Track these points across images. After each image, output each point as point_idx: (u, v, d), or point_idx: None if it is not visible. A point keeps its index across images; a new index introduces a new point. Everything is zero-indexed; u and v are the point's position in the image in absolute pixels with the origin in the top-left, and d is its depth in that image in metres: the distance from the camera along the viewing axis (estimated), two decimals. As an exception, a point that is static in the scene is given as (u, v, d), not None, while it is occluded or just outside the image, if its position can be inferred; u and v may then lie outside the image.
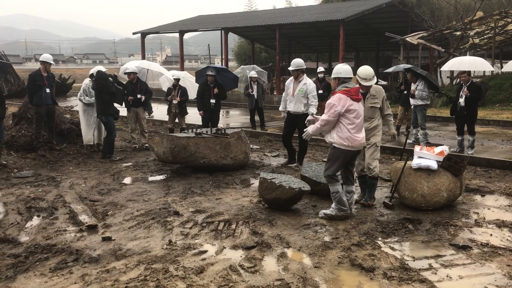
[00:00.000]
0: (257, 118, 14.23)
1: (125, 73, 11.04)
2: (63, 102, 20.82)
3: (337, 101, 5.58)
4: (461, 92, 9.59)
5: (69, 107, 14.02)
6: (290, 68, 8.52)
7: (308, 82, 8.47)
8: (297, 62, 8.41)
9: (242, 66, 16.68)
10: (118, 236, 5.34)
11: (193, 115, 13.62)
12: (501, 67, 24.28)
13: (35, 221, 5.90)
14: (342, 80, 5.78)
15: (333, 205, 5.81)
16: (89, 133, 10.42)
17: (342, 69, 5.82)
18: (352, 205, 5.97)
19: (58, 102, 10.42)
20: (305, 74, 8.55)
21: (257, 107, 13.89)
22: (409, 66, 12.70)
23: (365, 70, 6.22)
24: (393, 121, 6.68)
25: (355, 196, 6.06)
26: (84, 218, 5.98)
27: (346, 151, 5.67)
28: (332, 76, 5.91)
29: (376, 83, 6.50)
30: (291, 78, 8.61)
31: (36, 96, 9.63)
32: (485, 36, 23.49)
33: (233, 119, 18.07)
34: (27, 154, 9.53)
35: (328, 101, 5.72)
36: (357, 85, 5.86)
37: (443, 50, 22.15)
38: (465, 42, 24.00)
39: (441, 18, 30.09)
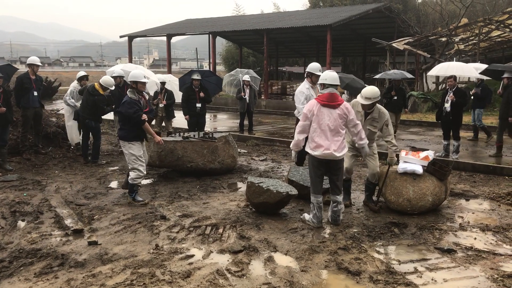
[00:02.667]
0: (245, 122, 14.25)
1: (112, 77, 10.95)
2: (49, 105, 20.63)
3: (306, 107, 5.66)
4: (447, 97, 9.70)
5: (55, 110, 13.91)
6: (319, 73, 7.25)
7: None
8: (319, 66, 7.71)
9: (237, 68, 16.64)
10: (105, 240, 5.31)
11: (180, 119, 13.57)
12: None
13: (20, 225, 5.83)
14: (326, 87, 5.72)
15: (310, 213, 5.80)
16: (77, 134, 10.33)
17: (327, 75, 5.78)
18: (339, 215, 5.75)
19: (44, 105, 10.32)
20: None
21: (248, 111, 13.91)
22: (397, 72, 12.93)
23: (368, 89, 6.15)
24: (396, 147, 6.30)
25: (342, 206, 5.80)
26: (70, 222, 5.93)
27: (313, 157, 5.60)
28: (320, 81, 5.89)
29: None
30: (306, 85, 7.63)
31: (23, 99, 9.53)
32: (469, 43, 23.82)
33: (220, 123, 18.06)
34: (12, 157, 9.41)
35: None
36: (334, 92, 5.61)
37: (429, 55, 22.41)
38: (451, 48, 24.33)
39: (427, 24, 30.43)
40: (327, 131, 5.49)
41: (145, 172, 6.90)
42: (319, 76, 7.10)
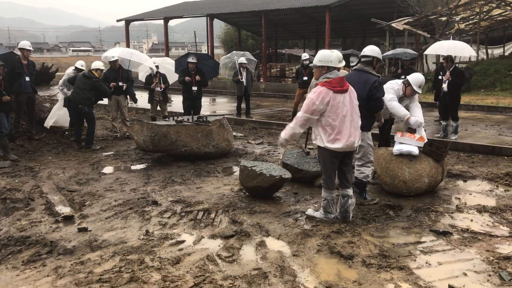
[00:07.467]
0: (243, 105, 14.10)
1: (109, 62, 10.84)
2: (46, 91, 20.45)
3: (316, 96, 4.89)
4: (444, 78, 9.56)
5: (49, 96, 13.76)
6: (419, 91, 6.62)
7: None
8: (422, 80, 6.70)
9: (234, 51, 16.38)
10: (95, 226, 5.23)
11: (177, 103, 13.49)
12: (486, 52, 24.38)
13: (10, 212, 5.75)
14: (331, 70, 5.02)
15: (321, 209, 5.32)
16: (54, 118, 10.24)
17: (332, 57, 5.00)
18: (350, 211, 5.21)
19: (41, 90, 10.21)
20: None
21: (245, 94, 13.75)
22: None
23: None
24: None
25: (353, 200, 5.28)
26: (60, 208, 5.86)
27: (330, 151, 4.99)
28: (319, 64, 5.04)
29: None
30: (396, 86, 6.68)
31: (15, 84, 9.39)
32: (470, 22, 23.49)
33: (219, 106, 17.92)
34: (5, 144, 9.30)
35: (308, 95, 5.10)
36: (341, 74, 5.16)
37: (429, 35, 22.09)
38: (451, 27, 23.99)
39: (426, 3, 29.99)
40: (345, 120, 4.93)
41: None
42: (416, 92, 6.56)
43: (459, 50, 10.02)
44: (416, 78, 6.58)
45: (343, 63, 5.75)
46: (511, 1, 20.23)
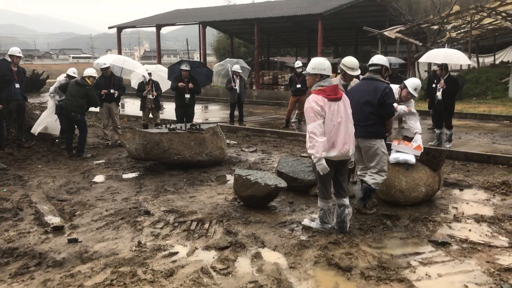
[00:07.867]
0: (236, 113, 14.02)
1: (101, 69, 10.73)
2: (36, 98, 20.21)
3: (314, 103, 4.81)
4: (438, 86, 9.54)
5: (40, 103, 13.58)
6: (415, 94, 6.61)
7: None
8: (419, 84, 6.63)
9: (227, 59, 16.33)
10: (85, 237, 5.08)
11: (169, 111, 13.36)
12: (478, 61, 24.53)
13: (-3, 223, 5.60)
14: (324, 78, 4.96)
15: (317, 219, 5.24)
16: (42, 125, 10.04)
17: (326, 64, 4.96)
18: (347, 221, 5.08)
19: (31, 98, 10.03)
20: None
21: (238, 101, 13.67)
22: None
23: (350, 59, 5.90)
24: None
25: (350, 210, 5.16)
26: (50, 219, 5.70)
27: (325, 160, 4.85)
28: (312, 71, 4.98)
29: (357, 77, 6.33)
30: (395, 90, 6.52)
31: (5, 91, 9.22)
32: (461, 30, 23.63)
33: (212, 114, 17.80)
34: (-7, 152, 9.12)
35: (305, 106, 4.95)
36: (335, 83, 5.10)
37: (421, 44, 22.17)
38: (442, 36, 24.11)
39: (418, 12, 30.18)
40: (340, 128, 4.86)
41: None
42: (412, 95, 6.53)
43: (455, 58, 10.03)
44: (412, 81, 6.61)
45: (359, 71, 5.74)
46: (502, 10, 20.40)
